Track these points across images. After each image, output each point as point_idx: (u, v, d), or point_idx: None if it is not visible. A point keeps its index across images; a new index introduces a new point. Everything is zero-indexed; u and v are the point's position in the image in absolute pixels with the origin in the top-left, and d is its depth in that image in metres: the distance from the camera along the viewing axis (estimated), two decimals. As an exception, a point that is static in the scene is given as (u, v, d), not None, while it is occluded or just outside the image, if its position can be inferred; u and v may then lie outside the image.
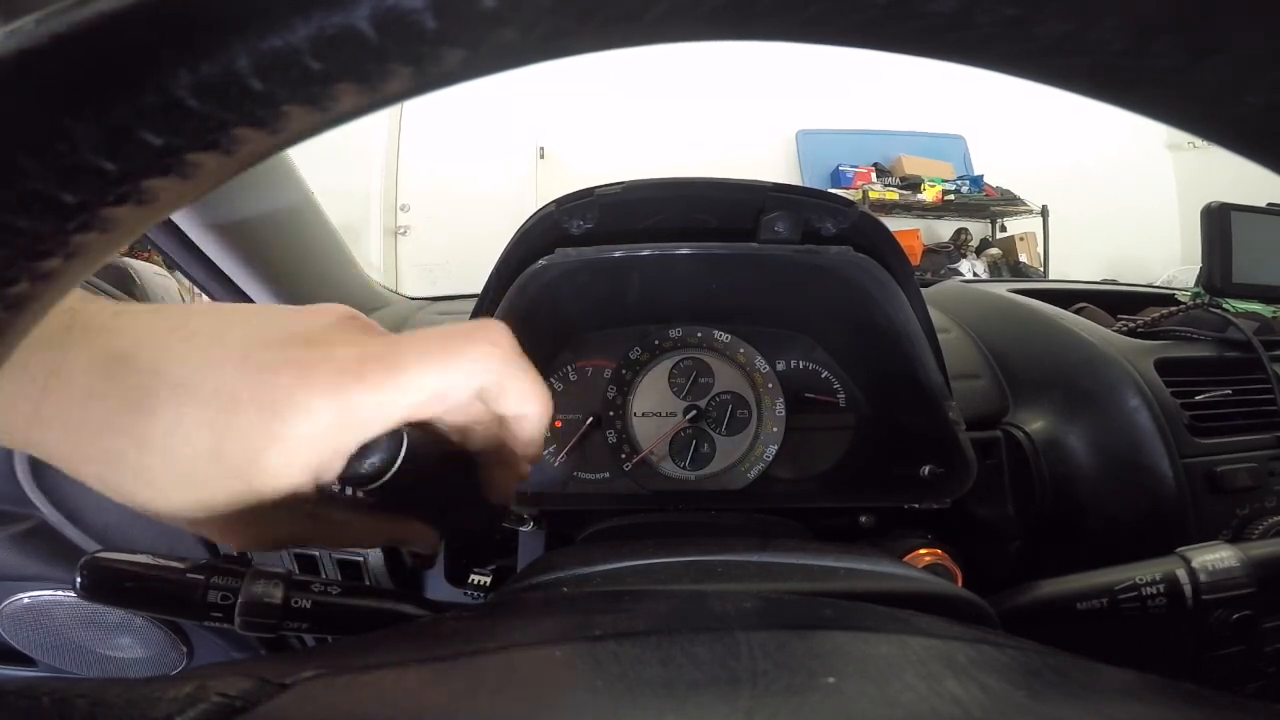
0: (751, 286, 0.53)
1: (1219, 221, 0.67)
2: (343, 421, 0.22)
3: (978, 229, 3.73)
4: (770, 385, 0.58)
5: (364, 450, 0.24)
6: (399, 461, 0.24)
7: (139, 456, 0.21)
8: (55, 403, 0.20)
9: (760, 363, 0.58)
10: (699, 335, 0.59)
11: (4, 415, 0.21)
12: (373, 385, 0.22)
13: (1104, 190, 3.70)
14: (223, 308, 0.24)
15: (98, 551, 0.33)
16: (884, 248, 0.48)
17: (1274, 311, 0.69)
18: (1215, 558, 0.36)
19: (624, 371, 0.58)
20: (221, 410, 0.21)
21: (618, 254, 0.47)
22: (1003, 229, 3.78)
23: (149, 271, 1.23)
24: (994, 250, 3.62)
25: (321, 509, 0.26)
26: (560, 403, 0.59)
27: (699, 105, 3.28)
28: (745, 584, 0.28)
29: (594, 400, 0.58)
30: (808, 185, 0.67)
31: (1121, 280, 1.09)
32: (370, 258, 2.93)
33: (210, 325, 0.23)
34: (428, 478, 0.26)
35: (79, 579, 0.32)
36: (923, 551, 0.48)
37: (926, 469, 0.51)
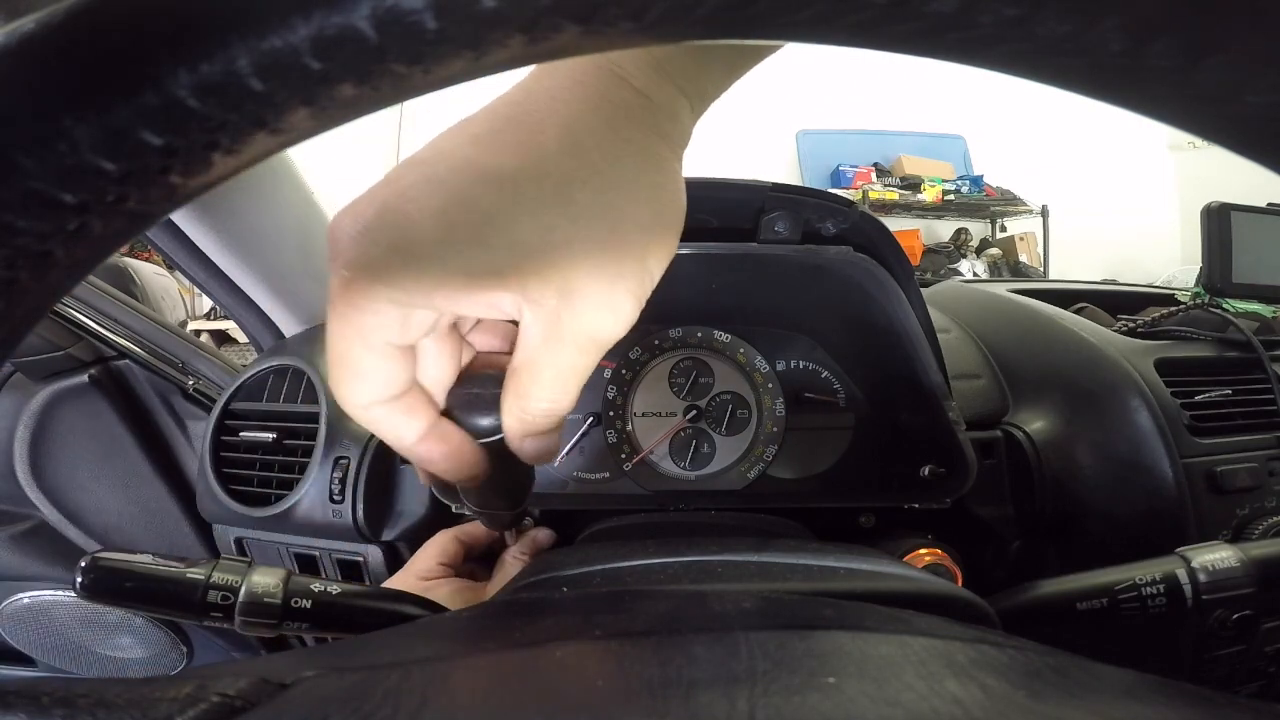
0: (751, 286, 0.53)
1: (1219, 221, 0.67)
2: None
3: (978, 229, 3.74)
4: (770, 385, 0.58)
5: (486, 406, 0.25)
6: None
7: None
8: None
9: (760, 363, 0.58)
10: (699, 335, 0.59)
11: None
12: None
13: (1104, 190, 3.71)
14: None
15: (98, 551, 0.33)
16: (884, 248, 0.48)
17: (1274, 311, 0.69)
18: (1215, 558, 0.36)
19: (624, 371, 0.58)
20: None
21: (618, 254, 0.47)
22: (1003, 229, 3.78)
23: (149, 271, 1.24)
24: (994, 250, 3.62)
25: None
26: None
27: (699, 105, 3.27)
28: (745, 584, 0.28)
29: (594, 400, 0.58)
30: (808, 185, 0.67)
31: (1121, 280, 1.09)
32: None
33: None
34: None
35: (79, 579, 0.32)
36: (923, 551, 0.48)
37: (926, 469, 0.51)
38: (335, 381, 0.22)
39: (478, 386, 0.25)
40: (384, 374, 0.22)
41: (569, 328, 0.22)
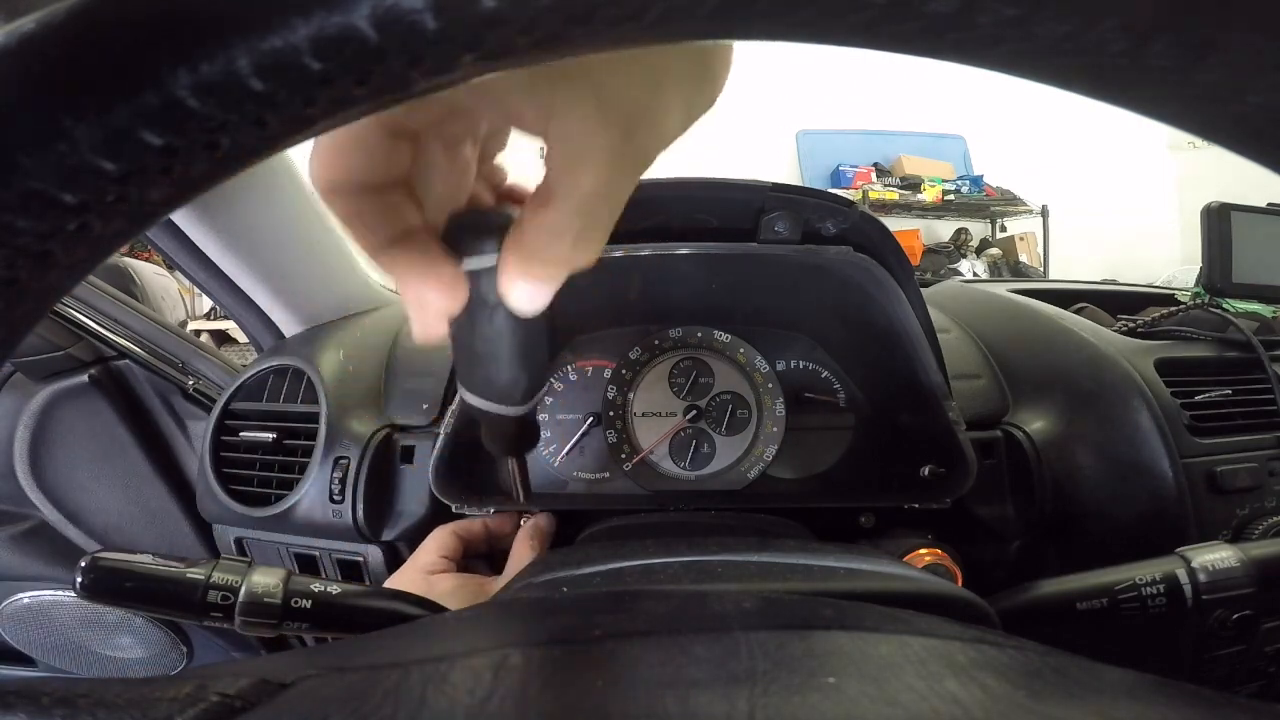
0: (751, 286, 0.53)
1: (1219, 221, 0.67)
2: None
3: (978, 229, 3.74)
4: (770, 385, 0.58)
5: (484, 224, 0.22)
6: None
7: None
8: None
9: (760, 363, 0.58)
10: (699, 335, 0.59)
11: None
12: None
13: (1104, 190, 3.71)
14: None
15: (98, 551, 0.33)
16: (884, 248, 0.48)
17: (1274, 311, 0.69)
18: (1215, 558, 0.36)
19: (624, 371, 0.58)
20: None
21: (618, 254, 0.47)
22: (1003, 229, 3.78)
23: (149, 271, 1.23)
24: (994, 250, 3.62)
25: None
26: (560, 403, 0.59)
27: (699, 105, 3.28)
28: (745, 584, 0.28)
29: (594, 400, 0.58)
30: (808, 185, 0.66)
31: (1121, 280, 1.09)
32: (370, 258, 2.94)
33: None
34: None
35: (79, 579, 0.32)
36: (923, 551, 0.48)
37: (926, 469, 0.51)
38: (314, 156, 0.20)
39: (484, 208, 0.23)
40: (368, 155, 0.20)
41: (601, 140, 0.19)
